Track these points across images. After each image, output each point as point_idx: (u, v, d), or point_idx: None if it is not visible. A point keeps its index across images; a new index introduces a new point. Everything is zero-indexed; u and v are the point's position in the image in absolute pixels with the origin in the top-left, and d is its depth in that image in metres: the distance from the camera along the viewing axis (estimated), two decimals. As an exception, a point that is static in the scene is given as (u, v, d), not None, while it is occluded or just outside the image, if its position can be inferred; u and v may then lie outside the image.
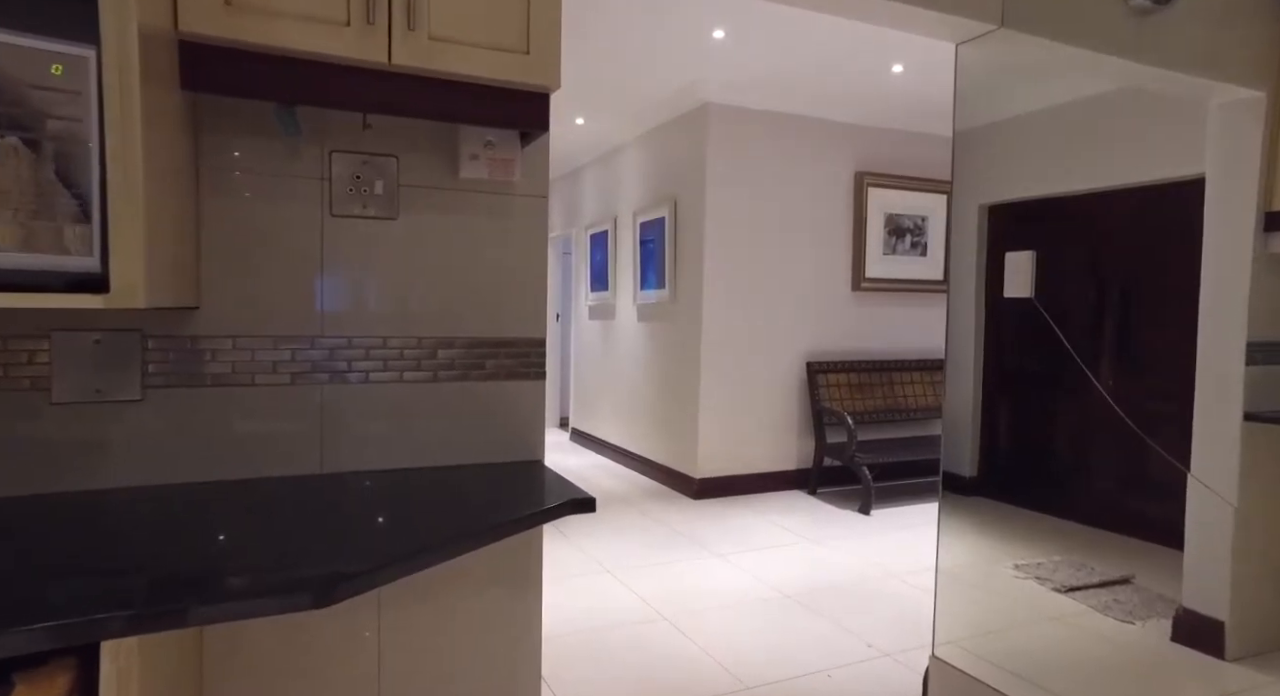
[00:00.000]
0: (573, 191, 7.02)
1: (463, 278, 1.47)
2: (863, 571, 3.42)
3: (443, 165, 1.43)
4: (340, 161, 1.35)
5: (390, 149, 1.39)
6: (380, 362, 1.40)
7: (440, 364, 1.46)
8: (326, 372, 1.36)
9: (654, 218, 5.26)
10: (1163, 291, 2.74)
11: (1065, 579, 3.39)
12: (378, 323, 1.40)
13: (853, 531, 4.06)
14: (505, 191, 1.48)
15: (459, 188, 1.44)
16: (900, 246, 5.26)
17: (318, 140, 1.33)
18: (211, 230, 1.26)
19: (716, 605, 3.00)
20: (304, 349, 1.34)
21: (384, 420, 1.41)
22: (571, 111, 5.30)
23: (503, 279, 1.50)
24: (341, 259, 1.36)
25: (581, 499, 1.24)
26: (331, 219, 1.35)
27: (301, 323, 1.33)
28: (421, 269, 1.43)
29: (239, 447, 1.30)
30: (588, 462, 5.96)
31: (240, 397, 1.30)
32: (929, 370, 5.32)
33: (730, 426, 4.82)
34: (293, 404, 1.33)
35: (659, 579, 3.29)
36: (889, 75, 4.27)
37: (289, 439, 1.33)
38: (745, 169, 4.76)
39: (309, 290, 1.34)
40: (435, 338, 1.45)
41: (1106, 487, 3.29)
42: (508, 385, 1.51)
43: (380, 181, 1.38)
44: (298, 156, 1.32)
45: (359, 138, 1.36)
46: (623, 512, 4.40)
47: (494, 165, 1.42)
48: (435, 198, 1.43)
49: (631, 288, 5.68)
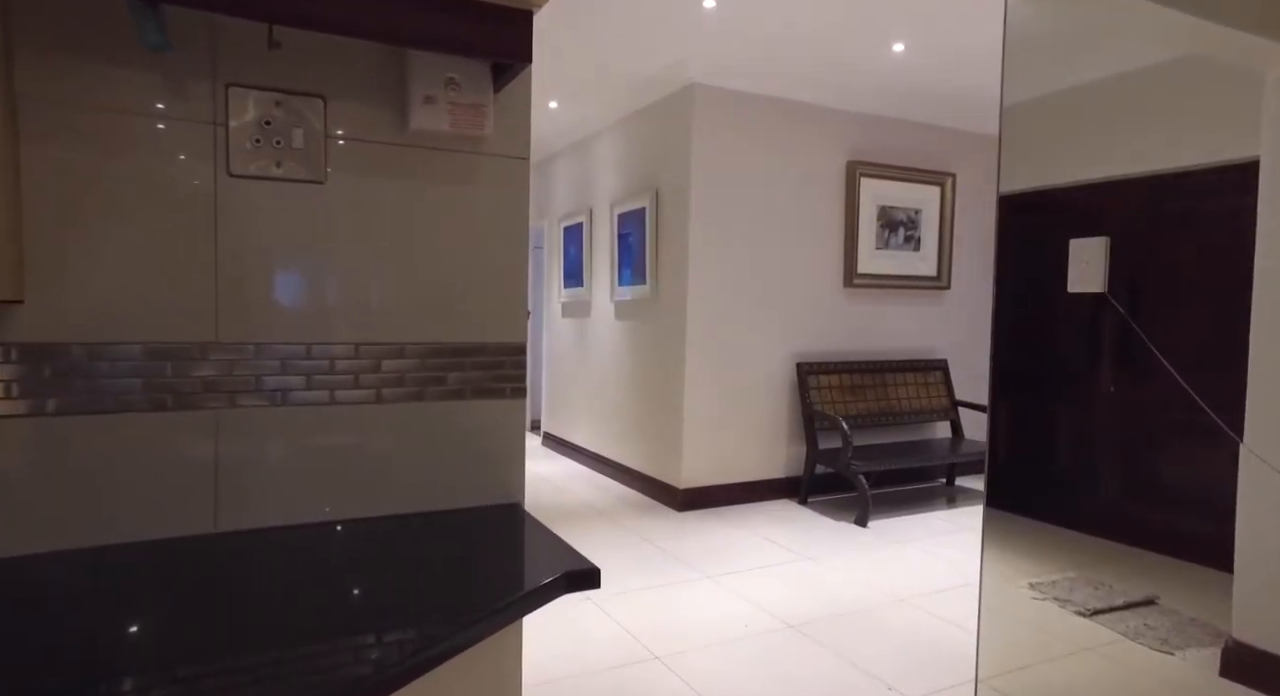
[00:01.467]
0: (545, 181, 6.63)
1: (416, 264, 1.10)
2: (867, 595, 3.12)
3: (388, 111, 1.06)
4: (241, 100, 0.97)
5: (314, 86, 1.02)
6: (302, 378, 1.03)
7: (386, 379, 1.09)
8: (223, 394, 0.98)
9: (633, 209, 4.91)
10: (1183, 285, 2.47)
11: (1086, 600, 3.13)
12: (298, 325, 1.03)
13: (851, 546, 3.76)
14: (473, 149, 1.12)
15: (410, 142, 1.08)
16: (894, 240, 4.98)
17: (205, 66, 0.95)
18: (40, 192, 0.88)
19: (713, 639, 2.66)
20: (190, 361, 0.96)
21: (307, 456, 1.04)
22: (544, 94, 4.92)
23: (470, 266, 1.14)
24: (244, 236, 0.99)
25: (582, 571, 0.89)
26: (229, 180, 0.97)
27: (185, 324, 0.96)
28: (359, 251, 1.06)
29: (91, 503, 0.92)
30: (563, 470, 5.59)
31: (92, 432, 0.92)
32: (924, 371, 5.05)
33: (716, 432, 4.49)
34: (173, 437, 0.96)
35: (645, 607, 2.95)
36: (889, 55, 3.98)
37: (168, 487, 0.95)
38: (732, 156, 4.43)
39: (196, 280, 0.96)
40: (380, 344, 1.09)
41: (1116, 497, 3.04)
42: (476, 405, 1.15)
43: (300, 131, 1.01)
44: (178, 90, 0.94)
45: (268, 66, 0.99)
46: (602, 528, 4.05)
47: (457, 113, 1.05)
48: (377, 155, 1.06)
49: (608, 283, 5.32)
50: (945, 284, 5.19)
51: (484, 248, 1.14)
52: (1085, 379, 2.75)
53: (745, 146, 4.46)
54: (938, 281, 5.16)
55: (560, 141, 6.05)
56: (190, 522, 0.96)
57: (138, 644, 0.69)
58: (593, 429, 5.60)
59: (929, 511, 4.45)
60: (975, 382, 5.36)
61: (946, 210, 5.13)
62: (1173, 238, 2.32)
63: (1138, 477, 2.83)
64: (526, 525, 1.09)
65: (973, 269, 5.38)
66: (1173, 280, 2.24)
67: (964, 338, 5.37)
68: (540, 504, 4.57)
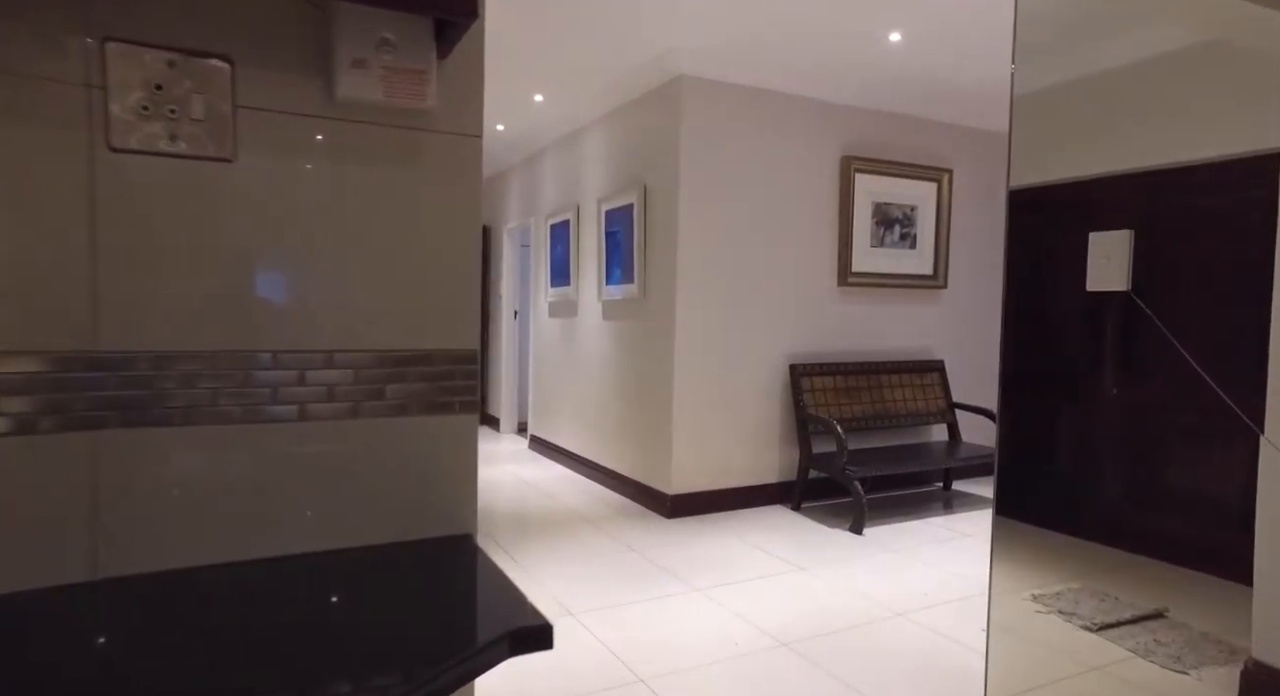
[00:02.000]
0: (532, 178, 6.46)
1: (348, 258, 0.94)
2: (865, 609, 2.97)
3: (310, 77, 0.90)
4: (124, 59, 0.81)
5: (219, 45, 0.86)
6: (207, 393, 0.87)
7: (312, 393, 0.93)
8: (107, 411, 0.82)
9: (621, 205, 4.75)
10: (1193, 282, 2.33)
11: (1091, 613, 2.99)
12: (202, 329, 0.87)
13: (846, 556, 3.61)
14: (414, 124, 0.96)
15: (339, 116, 0.92)
16: (889, 238, 4.84)
17: (75, 15, 0.79)
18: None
19: (701, 659, 2.51)
20: (61, 372, 0.80)
21: (211, 487, 0.88)
22: (529, 87, 4.76)
23: (413, 261, 0.98)
24: (131, 223, 0.83)
25: (531, 629, 0.73)
26: (110, 155, 0.81)
27: (53, 328, 0.80)
28: (277, 243, 0.90)
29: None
30: (550, 474, 5.43)
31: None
32: (920, 372, 4.92)
33: (706, 436, 4.34)
34: (39, 465, 0.79)
35: (631, 623, 2.79)
36: (885, 45, 3.83)
37: (32, 524, 0.79)
38: (722, 151, 4.28)
39: (69, 274, 0.80)
40: (304, 352, 0.93)
41: (1115, 500, 2.90)
42: (421, 422, 0.99)
43: (201, 98, 0.84)
44: (41, 42, 0.78)
45: (155, 18, 0.82)
46: (588, 536, 3.89)
47: (393, 79, 0.90)
48: (299, 130, 0.90)
49: (596, 283, 5.16)
50: (942, 283, 5.05)
51: (429, 239, 0.98)
52: (1088, 379, 2.61)
53: (736, 140, 4.31)
54: (934, 280, 5.03)
55: (547, 136, 5.89)
56: (58, 570, 0.80)
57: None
58: (580, 432, 5.44)
59: (926, 517, 4.31)
60: (972, 384, 5.23)
61: (943, 207, 4.99)
62: (1189, 233, 2.18)
63: (1142, 481, 2.69)
64: (477, 564, 0.94)
65: (970, 267, 5.24)
66: (1182, 277, 2.10)
67: (961, 338, 5.24)
68: (526, 510, 4.41)
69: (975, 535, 3.97)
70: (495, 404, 7.41)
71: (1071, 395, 2.71)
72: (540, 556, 3.54)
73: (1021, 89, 1.95)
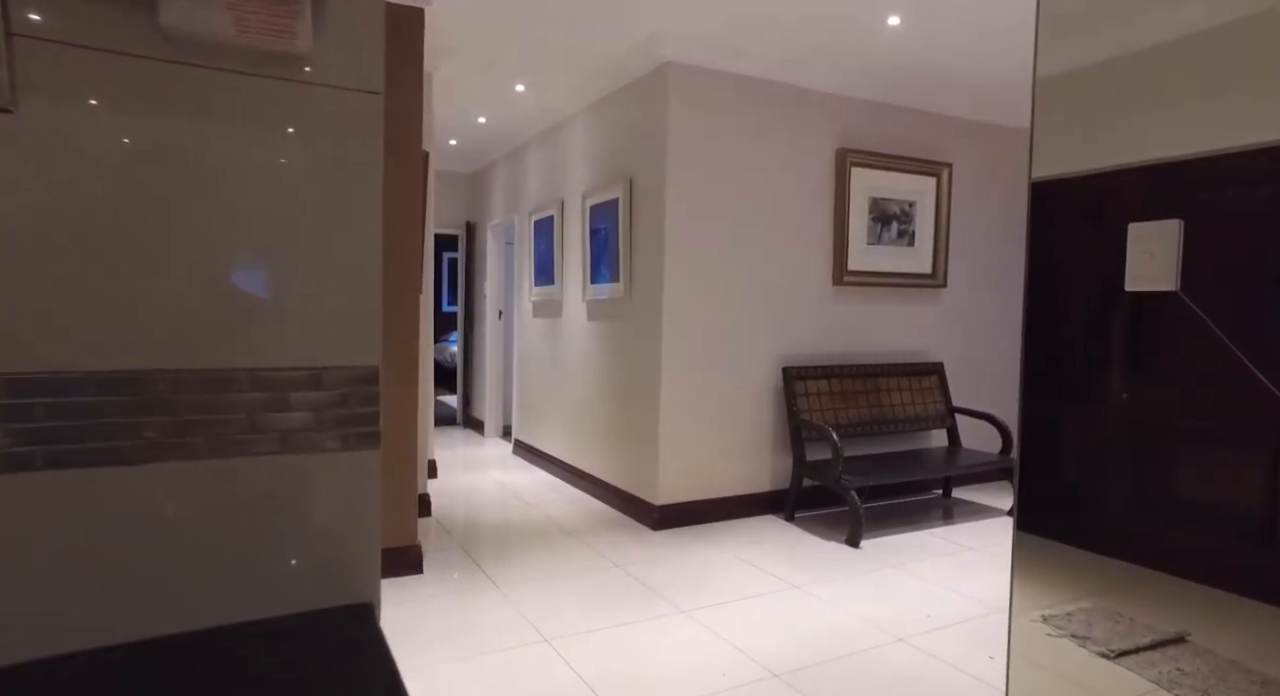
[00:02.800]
0: (515, 173, 6.23)
1: (196, 246, 0.71)
2: (863, 632, 2.76)
3: (126, 2, 0.67)
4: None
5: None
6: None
7: (149, 424, 0.70)
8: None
9: (606, 200, 4.53)
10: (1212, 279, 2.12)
11: (1107, 637, 2.77)
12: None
13: (842, 571, 3.40)
14: (283, 73, 0.73)
15: (170, 56, 0.69)
16: (886, 235, 4.63)
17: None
18: None
19: (687, 693, 2.29)
20: None
21: (15, 555, 0.65)
22: (509, 76, 4.53)
23: (289, 252, 0.75)
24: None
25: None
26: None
27: None
28: (83, 224, 0.67)
29: None
30: (535, 480, 5.20)
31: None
32: (918, 375, 4.71)
33: (696, 443, 4.12)
34: None
35: (609, 650, 2.57)
36: (883, 29, 3.61)
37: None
38: (711, 143, 4.06)
39: None
40: (132, 372, 0.70)
41: (1124, 511, 2.69)
42: (304, 461, 0.76)
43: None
44: None
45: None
46: (570, 550, 3.67)
47: (246, 8, 0.67)
48: (112, 72, 0.67)
49: (580, 282, 4.94)
50: (941, 282, 4.84)
51: (308, 224, 0.75)
52: (1100, 383, 2.40)
53: (725, 132, 4.09)
54: (933, 279, 4.82)
55: (530, 130, 5.66)
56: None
57: None
58: (565, 438, 5.21)
59: (926, 528, 4.10)
60: (972, 387, 5.03)
61: (943, 203, 4.78)
62: (1226, 227, 1.97)
63: (1157, 492, 2.48)
64: (377, 647, 0.71)
65: (971, 266, 5.04)
66: (1220, 274, 1.89)
67: (961, 339, 5.04)
68: (507, 521, 4.19)
69: (978, 548, 3.77)
70: (480, 407, 7.18)
71: (1081, 398, 2.49)
72: (518, 574, 3.32)
73: (1044, 70, 1.73)
